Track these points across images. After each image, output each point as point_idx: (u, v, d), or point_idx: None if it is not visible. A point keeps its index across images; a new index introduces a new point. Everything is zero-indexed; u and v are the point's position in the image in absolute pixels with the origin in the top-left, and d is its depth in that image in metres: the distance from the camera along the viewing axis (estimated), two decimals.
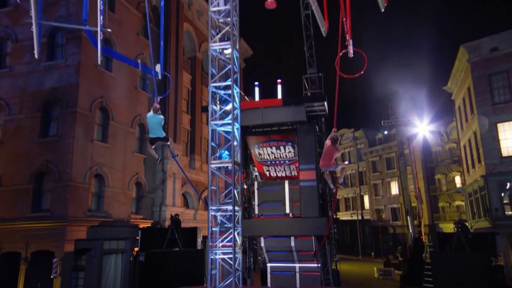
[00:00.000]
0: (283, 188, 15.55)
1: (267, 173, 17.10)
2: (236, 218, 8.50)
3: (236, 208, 8.50)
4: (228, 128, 8.87)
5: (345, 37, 9.36)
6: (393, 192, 48.81)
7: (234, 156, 8.59)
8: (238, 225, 8.59)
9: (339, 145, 9.63)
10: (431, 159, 42.49)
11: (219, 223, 8.98)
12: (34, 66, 18.00)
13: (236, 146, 8.76)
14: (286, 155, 16.10)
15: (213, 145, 8.97)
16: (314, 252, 14.36)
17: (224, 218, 8.92)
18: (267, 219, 15.23)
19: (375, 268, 30.31)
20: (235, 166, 8.61)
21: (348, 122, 53.15)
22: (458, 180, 38.50)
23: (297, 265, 15.12)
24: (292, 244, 14.59)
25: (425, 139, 37.30)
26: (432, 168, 42.21)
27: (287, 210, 15.29)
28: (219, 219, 8.98)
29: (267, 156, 16.27)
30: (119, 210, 18.88)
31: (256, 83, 16.12)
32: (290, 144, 15.68)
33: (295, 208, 15.03)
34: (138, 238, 14.70)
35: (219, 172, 8.83)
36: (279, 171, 16.97)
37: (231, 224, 8.39)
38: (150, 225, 20.23)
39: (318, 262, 14.52)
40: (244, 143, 15.57)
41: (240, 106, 9.25)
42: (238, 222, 8.63)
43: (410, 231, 28.52)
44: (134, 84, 21.03)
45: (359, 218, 49.63)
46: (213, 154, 8.89)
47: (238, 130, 8.96)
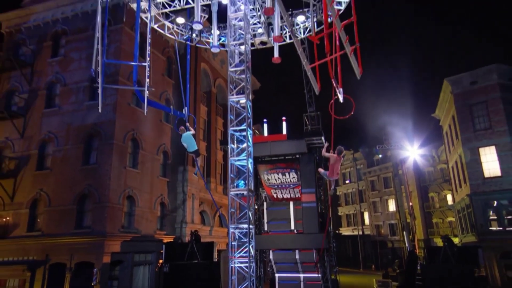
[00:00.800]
0: (288, 208, 17.18)
1: (275, 195, 18.57)
2: (251, 234, 9.99)
3: (250, 226, 10.03)
4: (243, 162, 10.42)
5: (337, 87, 10.97)
6: (390, 209, 49.80)
7: (248, 185, 10.14)
8: (252, 240, 9.98)
9: (343, 156, 10.36)
10: (425, 179, 43.95)
11: (237, 238, 10.20)
12: (78, 105, 20.83)
13: (250, 177, 10.22)
14: (290, 180, 17.60)
15: (232, 176, 10.48)
16: (315, 263, 15.82)
17: (241, 234, 10.19)
18: (275, 235, 16.81)
19: (374, 280, 31.78)
20: (249, 192, 10.09)
21: (349, 146, 54.76)
22: (449, 198, 39.29)
23: (301, 275, 16.52)
24: (297, 256, 15.94)
25: (415, 161, 39.20)
26: (426, 187, 43.68)
27: (292, 227, 16.82)
28: (236, 235, 10.23)
29: (274, 181, 17.87)
30: (147, 227, 21.24)
31: (265, 120, 18.29)
32: (293, 171, 17.26)
33: (299, 225, 16.58)
34: (162, 251, 16.02)
35: (237, 198, 10.35)
36: (284, 194, 18.37)
37: (247, 239, 9.84)
38: (173, 240, 22.24)
39: (319, 272, 15.86)
40: (255, 170, 17.06)
41: (252, 143, 10.72)
42: (252, 238, 10.07)
43: (406, 245, 30.08)
44: (160, 117, 23.78)
45: (360, 233, 50.59)
46: (232, 183, 10.38)
47: (251, 164, 10.43)
